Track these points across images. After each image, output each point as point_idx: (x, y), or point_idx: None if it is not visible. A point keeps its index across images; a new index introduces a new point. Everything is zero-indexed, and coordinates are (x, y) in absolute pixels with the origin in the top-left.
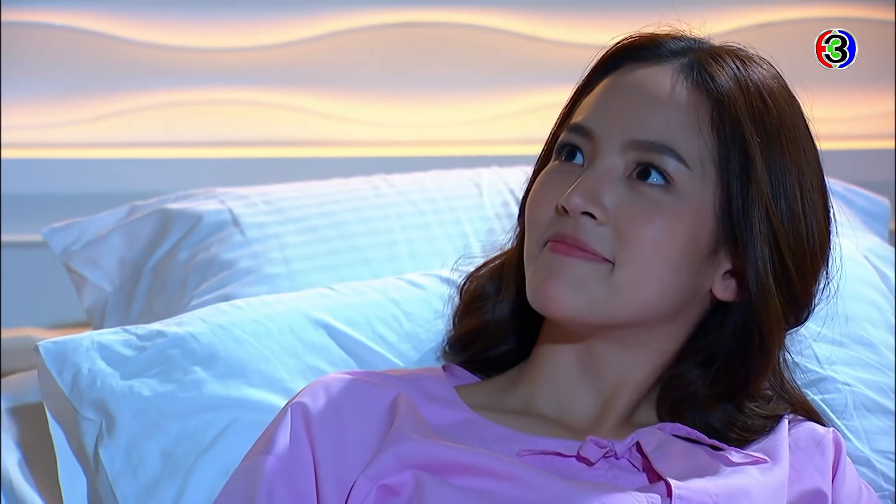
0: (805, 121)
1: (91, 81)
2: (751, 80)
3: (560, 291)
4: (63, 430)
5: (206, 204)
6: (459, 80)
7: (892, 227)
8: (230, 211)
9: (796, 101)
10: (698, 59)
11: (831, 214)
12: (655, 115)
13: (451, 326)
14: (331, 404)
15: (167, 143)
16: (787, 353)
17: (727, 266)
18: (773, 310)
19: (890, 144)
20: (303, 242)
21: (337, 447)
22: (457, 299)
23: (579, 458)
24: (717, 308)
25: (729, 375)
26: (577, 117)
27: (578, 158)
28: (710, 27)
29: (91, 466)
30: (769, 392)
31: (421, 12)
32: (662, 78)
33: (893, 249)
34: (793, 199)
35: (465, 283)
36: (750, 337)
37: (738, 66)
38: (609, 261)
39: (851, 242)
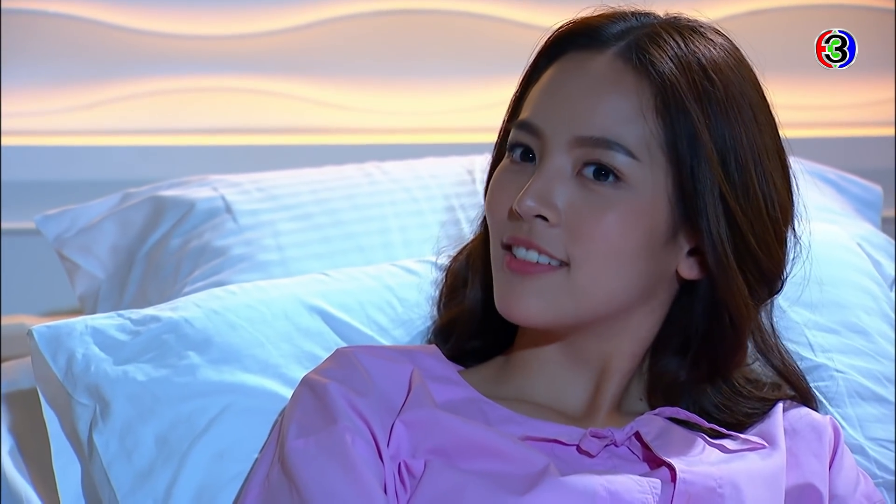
0: (756, 85)
1: (85, 69)
2: (693, 56)
3: (524, 304)
4: (57, 416)
5: (199, 191)
6: (453, 67)
7: (895, 214)
8: (223, 198)
9: (745, 65)
10: (637, 41)
11: (791, 175)
12: (598, 107)
13: (437, 314)
14: (364, 382)
15: (160, 130)
16: (771, 323)
17: (688, 246)
18: (737, 287)
19: (889, 132)
20: (296, 230)
21: (379, 421)
22: (441, 286)
23: (580, 449)
24: (687, 286)
25: (708, 356)
26: (525, 112)
27: (529, 155)
28: (701, 14)
29: (85, 452)
30: (763, 378)
31: (415, 0)
32: (602, 66)
33: (891, 238)
34: (746, 172)
35: (447, 270)
36: (720, 315)
37: (679, 43)
38: (565, 262)
39: (845, 230)
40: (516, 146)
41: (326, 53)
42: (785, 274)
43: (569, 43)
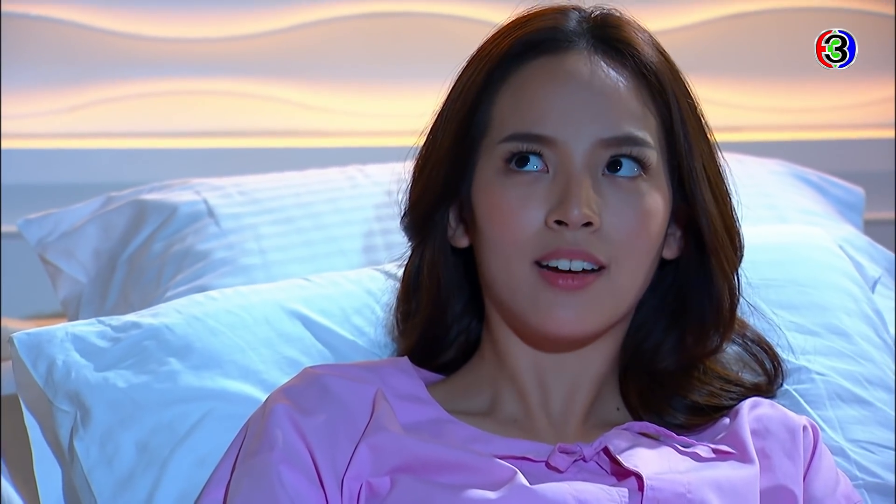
0: None
1: (67, 72)
2: (650, 39)
3: (577, 319)
4: (38, 422)
5: (181, 195)
6: (437, 70)
7: (894, 216)
8: (205, 202)
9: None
10: (607, 34)
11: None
12: (612, 107)
13: (398, 328)
14: (317, 402)
15: (142, 133)
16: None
17: (675, 225)
18: (729, 254)
19: (886, 134)
20: (278, 233)
21: (330, 442)
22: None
23: (549, 465)
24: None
25: (699, 331)
26: (524, 125)
27: (532, 165)
28: (681, 18)
29: (66, 458)
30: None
31: (399, 2)
32: (588, 64)
33: (872, 240)
34: (708, 138)
35: (403, 286)
36: (714, 287)
37: (636, 28)
38: (604, 266)
39: (826, 232)
40: (520, 157)
41: (309, 56)
42: (741, 240)
43: (530, 49)
